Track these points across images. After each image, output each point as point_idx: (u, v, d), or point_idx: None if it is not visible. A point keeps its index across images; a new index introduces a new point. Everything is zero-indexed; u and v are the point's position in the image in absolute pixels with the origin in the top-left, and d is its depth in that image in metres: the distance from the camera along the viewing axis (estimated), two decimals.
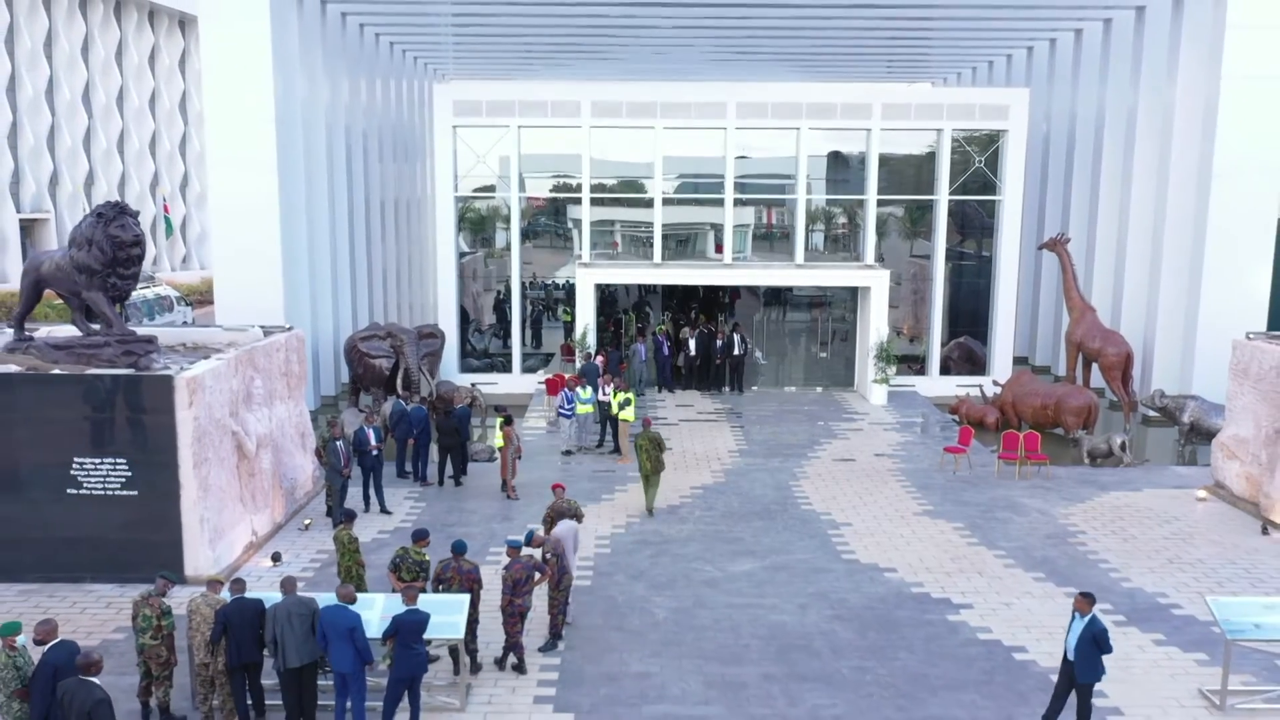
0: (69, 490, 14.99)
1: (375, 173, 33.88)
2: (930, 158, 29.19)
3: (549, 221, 31.25)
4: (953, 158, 29.00)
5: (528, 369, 30.66)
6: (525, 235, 30.14)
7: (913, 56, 39.14)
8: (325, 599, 11.34)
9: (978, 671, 12.72)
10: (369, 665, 10.89)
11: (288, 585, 11.08)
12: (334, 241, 29.10)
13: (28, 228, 54.12)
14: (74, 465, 14.97)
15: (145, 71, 60.31)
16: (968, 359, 31.19)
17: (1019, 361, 34.90)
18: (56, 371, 15.52)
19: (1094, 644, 10.67)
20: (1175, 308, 26.67)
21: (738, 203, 29.54)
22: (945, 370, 30.62)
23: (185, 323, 39.75)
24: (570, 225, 30.62)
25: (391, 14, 31.49)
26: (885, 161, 29.24)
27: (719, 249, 29.86)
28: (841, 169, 30.68)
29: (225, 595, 11.31)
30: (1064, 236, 28.37)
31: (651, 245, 29.61)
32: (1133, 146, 28.62)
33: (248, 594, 11.24)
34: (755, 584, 15.50)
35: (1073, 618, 10.96)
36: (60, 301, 18.40)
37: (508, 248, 29.99)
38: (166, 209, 53.73)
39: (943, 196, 29.10)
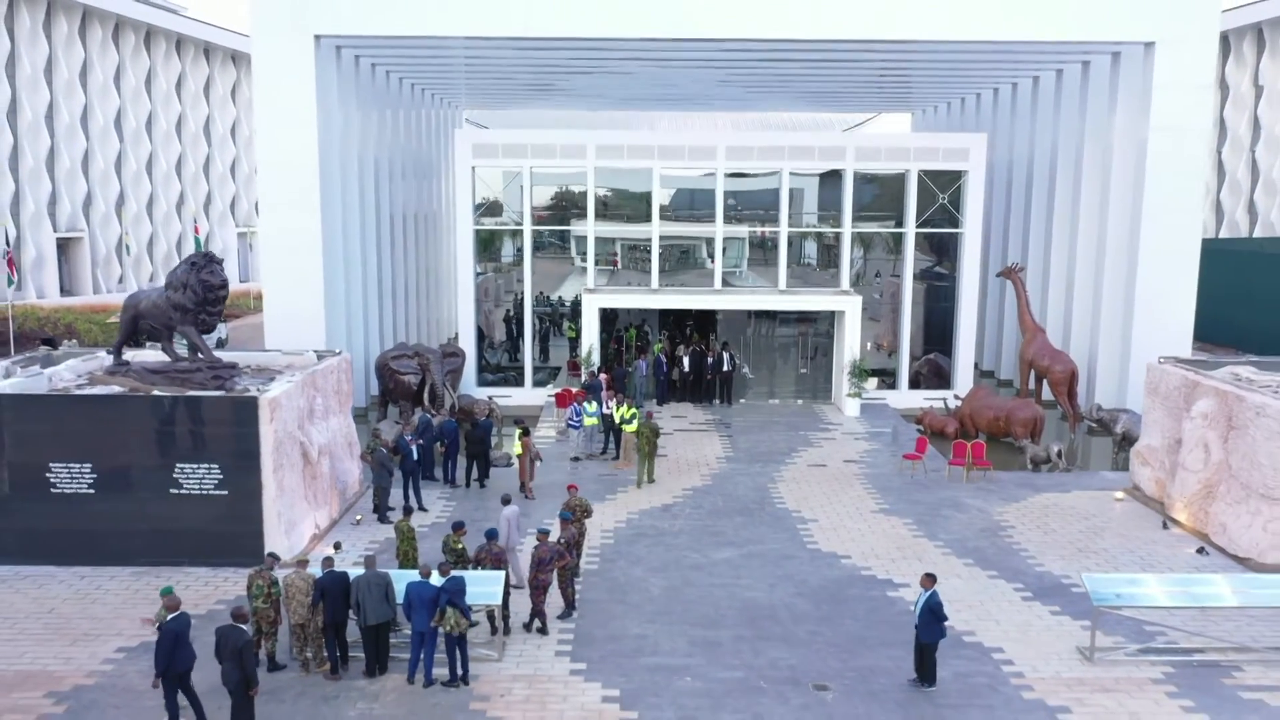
0: (171, 490, 18.31)
1: (399, 199, 37.08)
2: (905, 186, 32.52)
3: (553, 239, 34.43)
4: (919, 193, 32.35)
5: (538, 382, 33.96)
6: (534, 248, 33.32)
7: (895, 93, 42.57)
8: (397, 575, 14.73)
9: (906, 633, 15.94)
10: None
11: (370, 562, 14.44)
12: (364, 269, 32.42)
13: (63, 246, 57.58)
14: (176, 469, 18.29)
15: (172, 97, 63.78)
16: (936, 373, 34.49)
17: (986, 375, 38.34)
18: (158, 393, 18.89)
19: (931, 612, 13.94)
20: (1113, 330, 30.04)
21: (731, 219, 32.87)
22: (915, 384, 33.93)
23: (220, 338, 43.10)
24: (574, 249, 33.87)
25: (411, 59, 34.65)
26: (871, 179, 32.52)
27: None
28: (831, 187, 33.72)
29: (316, 571, 14.63)
30: (1018, 265, 31.73)
31: (649, 263, 32.91)
32: (1080, 185, 32.02)
33: (335, 568, 14.56)
34: (733, 568, 18.84)
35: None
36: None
37: (515, 262, 33.28)
38: (197, 230, 57.04)
39: (910, 230, 32.48)
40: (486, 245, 34.18)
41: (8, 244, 40.92)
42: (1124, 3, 27.58)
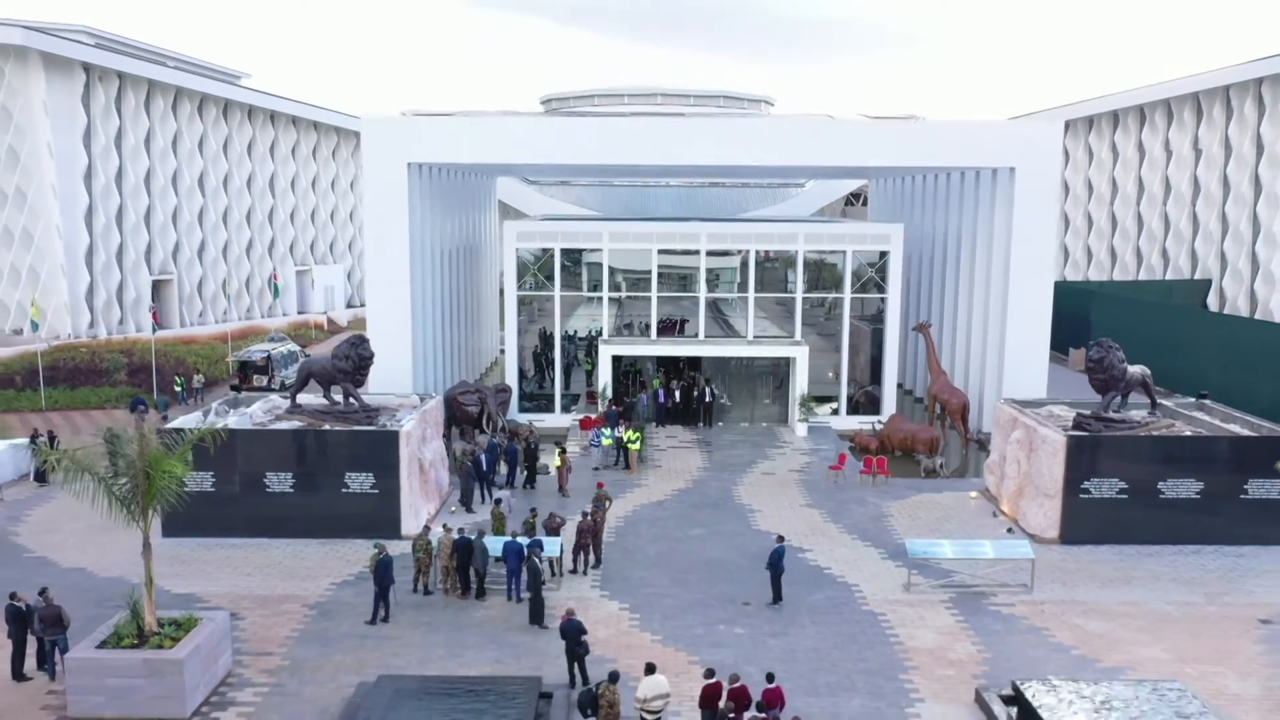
0: (343, 490, 28.64)
1: (449, 245, 46.50)
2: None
3: (572, 270, 44.25)
4: (854, 268, 42.73)
5: (564, 408, 44.25)
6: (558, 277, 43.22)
7: (853, 171, 53.13)
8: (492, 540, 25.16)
9: (805, 577, 26.24)
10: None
11: (482, 530, 24.84)
12: (434, 321, 42.71)
13: (156, 287, 68.16)
14: (345, 476, 28.65)
15: (244, 158, 74.41)
16: (871, 401, 44.73)
17: (918, 402, 48.62)
18: (328, 427, 29.27)
19: (770, 561, 24.20)
20: (992, 373, 40.37)
21: (716, 253, 43.21)
22: (855, 410, 44.20)
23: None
24: (586, 283, 43.80)
25: (465, 164, 45.02)
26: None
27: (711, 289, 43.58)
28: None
29: (455, 535, 24.97)
30: (927, 322, 42.07)
31: (649, 299, 43.09)
32: (974, 261, 42.37)
33: (461, 535, 24.91)
34: (701, 540, 29.15)
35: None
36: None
37: (537, 287, 43.38)
38: (275, 276, 67.53)
39: (847, 295, 42.85)
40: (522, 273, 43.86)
41: (153, 300, 51.34)
42: (993, 138, 38.06)
